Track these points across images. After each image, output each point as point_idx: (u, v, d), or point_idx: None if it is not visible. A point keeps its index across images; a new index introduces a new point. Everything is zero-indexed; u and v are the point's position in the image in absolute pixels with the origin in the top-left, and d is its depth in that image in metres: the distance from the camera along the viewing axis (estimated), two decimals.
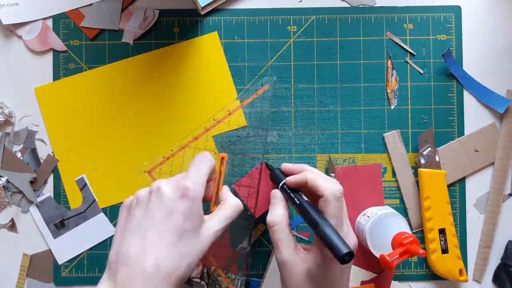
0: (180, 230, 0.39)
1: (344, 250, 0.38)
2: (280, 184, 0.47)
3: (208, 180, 0.45)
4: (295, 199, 0.45)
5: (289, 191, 0.46)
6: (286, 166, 0.49)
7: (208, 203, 0.48)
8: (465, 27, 0.57)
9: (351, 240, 0.43)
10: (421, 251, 0.46)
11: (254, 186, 0.51)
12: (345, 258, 0.37)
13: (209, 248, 0.42)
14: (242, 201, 0.50)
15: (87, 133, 0.57)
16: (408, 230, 0.50)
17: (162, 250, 0.38)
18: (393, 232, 0.49)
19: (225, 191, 0.47)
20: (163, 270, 0.37)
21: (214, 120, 0.56)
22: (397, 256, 0.47)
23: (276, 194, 0.46)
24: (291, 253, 0.42)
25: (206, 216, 0.42)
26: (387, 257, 0.46)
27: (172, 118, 0.57)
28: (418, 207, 0.56)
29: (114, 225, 0.56)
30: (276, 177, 0.49)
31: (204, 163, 0.44)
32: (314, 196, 0.44)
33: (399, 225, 0.50)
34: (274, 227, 0.43)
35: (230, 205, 0.45)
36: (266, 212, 0.49)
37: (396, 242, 0.48)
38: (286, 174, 0.49)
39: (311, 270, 0.42)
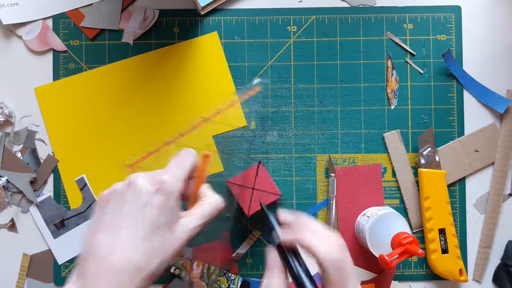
0: (154, 224, 0.36)
1: None
2: (276, 244, 0.40)
3: (191, 177, 0.43)
4: (292, 265, 0.38)
5: (286, 252, 0.39)
6: (282, 216, 0.42)
7: (189, 201, 0.47)
8: (465, 27, 0.57)
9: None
10: (420, 251, 0.46)
11: (248, 186, 0.51)
12: None
13: (209, 248, 0.41)
14: (235, 199, 0.50)
15: (87, 133, 0.57)
16: (408, 230, 0.50)
17: (133, 244, 0.36)
18: (392, 232, 0.49)
19: (205, 188, 0.44)
20: (132, 265, 0.35)
21: (201, 118, 0.56)
22: (397, 256, 0.47)
23: (272, 258, 0.39)
24: None
25: (183, 213, 0.40)
26: (386, 257, 0.46)
27: (172, 118, 0.57)
28: (418, 207, 0.56)
29: None
30: (269, 225, 0.42)
31: (186, 158, 0.41)
32: None
33: (399, 225, 0.50)
34: None
35: (209, 202, 0.42)
36: (258, 212, 0.50)
37: (396, 242, 0.48)
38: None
39: None
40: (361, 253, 0.55)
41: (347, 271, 0.37)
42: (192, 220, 0.39)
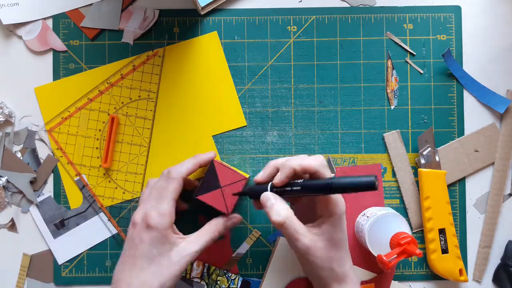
0: (148, 256, 0.44)
1: (372, 178, 0.39)
2: (269, 189, 0.46)
3: (191, 172, 0.49)
4: (293, 187, 0.44)
5: (282, 188, 0.45)
6: (259, 176, 0.47)
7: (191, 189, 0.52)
8: (465, 27, 0.57)
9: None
10: (418, 251, 0.46)
11: (216, 187, 0.50)
12: (376, 183, 0.39)
13: (209, 248, 0.46)
14: (214, 209, 0.49)
15: (87, 132, 0.57)
16: (408, 230, 0.50)
17: (134, 274, 0.44)
18: (392, 232, 0.49)
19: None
20: None
21: (108, 83, 0.56)
22: (395, 256, 0.47)
23: (268, 194, 0.45)
24: (309, 236, 0.43)
25: (182, 238, 0.46)
26: (384, 257, 0.46)
27: (171, 117, 0.57)
28: (418, 207, 0.56)
29: (114, 225, 0.56)
30: (258, 190, 0.47)
31: (170, 188, 0.47)
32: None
33: (398, 225, 0.50)
34: (285, 223, 0.43)
35: (207, 228, 0.48)
36: (237, 202, 0.50)
37: (394, 242, 0.48)
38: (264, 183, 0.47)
39: (331, 237, 0.44)
40: (361, 253, 0.55)
41: (326, 165, 0.45)
42: (188, 246, 0.46)
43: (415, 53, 0.57)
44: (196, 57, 0.57)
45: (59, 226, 0.56)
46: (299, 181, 0.44)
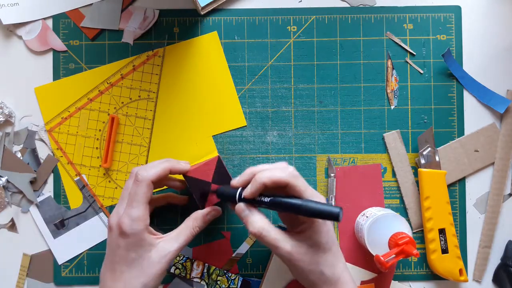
0: (126, 261, 0.44)
1: (337, 210, 0.40)
2: (238, 195, 0.46)
3: (168, 173, 0.48)
4: (263, 199, 0.44)
5: (253, 199, 0.45)
6: (235, 181, 0.46)
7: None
8: (465, 27, 0.57)
9: (322, 199, 0.44)
10: (415, 251, 0.46)
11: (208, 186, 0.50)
12: (340, 215, 0.40)
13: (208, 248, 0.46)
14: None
15: (87, 132, 0.57)
16: (408, 231, 0.50)
17: (116, 279, 0.44)
18: (391, 232, 0.49)
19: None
20: None
21: (108, 83, 0.56)
22: (393, 256, 0.47)
23: (242, 206, 0.45)
24: (291, 242, 0.43)
25: (160, 237, 0.46)
26: (382, 257, 0.46)
27: (171, 117, 0.57)
28: (418, 207, 0.56)
29: None
30: (227, 194, 0.47)
31: (139, 192, 0.46)
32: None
33: (398, 226, 0.50)
34: (262, 233, 0.43)
35: (186, 225, 0.48)
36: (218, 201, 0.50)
37: (392, 242, 0.48)
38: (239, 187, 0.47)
39: (316, 241, 0.43)
40: (361, 253, 0.55)
41: (298, 175, 0.44)
42: (169, 245, 0.46)
43: (415, 53, 0.57)
44: (196, 57, 0.57)
45: (59, 226, 0.56)
46: (266, 199, 0.44)
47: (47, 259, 0.56)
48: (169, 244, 0.46)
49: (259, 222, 0.43)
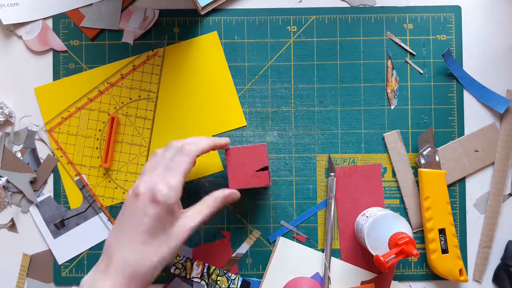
0: (150, 230, 0.42)
1: None
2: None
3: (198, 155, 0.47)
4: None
5: None
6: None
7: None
8: (465, 27, 0.57)
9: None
10: (415, 252, 0.46)
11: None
12: None
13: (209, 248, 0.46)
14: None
15: (87, 132, 0.57)
16: (408, 231, 0.50)
17: (132, 248, 0.42)
18: (391, 232, 0.49)
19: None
20: (128, 265, 0.41)
21: (108, 83, 0.56)
22: (393, 256, 0.47)
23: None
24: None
25: (181, 212, 0.45)
26: (381, 258, 0.46)
27: (171, 117, 0.57)
28: (418, 207, 0.56)
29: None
30: None
31: (182, 163, 0.45)
32: None
33: (398, 226, 0.50)
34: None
35: (206, 203, 0.47)
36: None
37: (392, 242, 0.48)
38: None
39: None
40: (361, 253, 0.55)
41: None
42: (188, 221, 0.45)
43: (415, 53, 0.57)
44: (196, 57, 0.57)
45: (59, 226, 0.56)
46: None
47: (47, 259, 0.56)
48: (189, 220, 0.45)
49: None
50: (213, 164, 0.57)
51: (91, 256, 0.56)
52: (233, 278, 0.55)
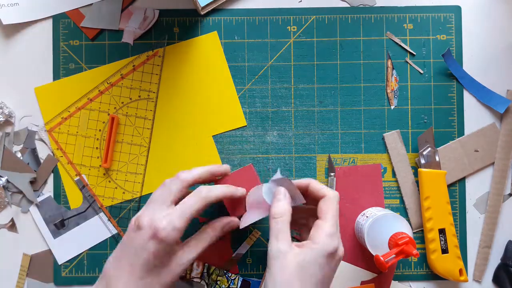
0: (149, 266, 0.42)
1: None
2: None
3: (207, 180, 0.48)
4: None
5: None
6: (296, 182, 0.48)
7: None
8: (465, 27, 0.57)
9: (339, 244, 0.44)
10: (415, 252, 0.46)
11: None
12: None
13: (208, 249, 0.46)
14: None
15: (87, 132, 0.57)
16: (408, 231, 0.50)
17: (129, 283, 0.42)
18: (391, 232, 0.49)
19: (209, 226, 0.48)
20: None
21: (108, 83, 0.56)
22: (393, 256, 0.47)
23: (281, 190, 0.46)
24: (288, 246, 0.42)
25: (180, 246, 0.45)
26: (381, 258, 0.46)
27: (171, 117, 0.57)
28: (418, 207, 0.56)
29: (114, 225, 0.56)
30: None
31: (193, 208, 0.44)
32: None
33: (398, 226, 0.50)
34: (279, 218, 0.43)
35: (205, 234, 0.47)
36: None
37: (392, 242, 0.48)
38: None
39: (304, 264, 0.41)
40: (361, 253, 0.55)
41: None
42: (187, 254, 0.45)
43: (415, 53, 0.57)
44: (196, 57, 0.57)
45: (59, 226, 0.56)
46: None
47: (47, 259, 0.56)
48: (187, 253, 0.45)
49: (284, 208, 0.44)
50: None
51: (91, 256, 0.56)
52: (233, 278, 0.55)
